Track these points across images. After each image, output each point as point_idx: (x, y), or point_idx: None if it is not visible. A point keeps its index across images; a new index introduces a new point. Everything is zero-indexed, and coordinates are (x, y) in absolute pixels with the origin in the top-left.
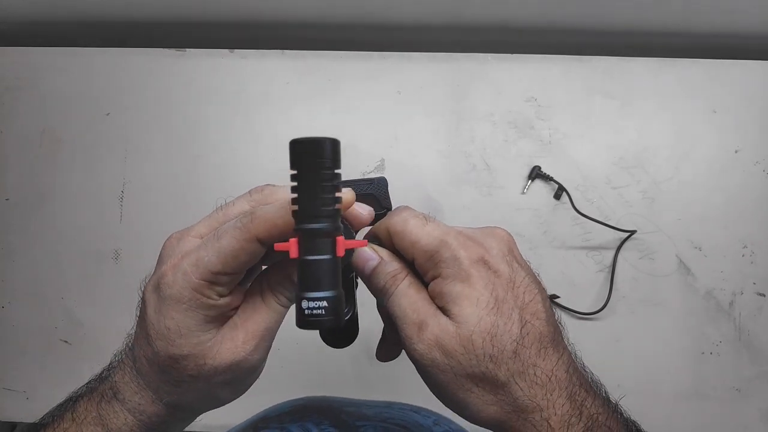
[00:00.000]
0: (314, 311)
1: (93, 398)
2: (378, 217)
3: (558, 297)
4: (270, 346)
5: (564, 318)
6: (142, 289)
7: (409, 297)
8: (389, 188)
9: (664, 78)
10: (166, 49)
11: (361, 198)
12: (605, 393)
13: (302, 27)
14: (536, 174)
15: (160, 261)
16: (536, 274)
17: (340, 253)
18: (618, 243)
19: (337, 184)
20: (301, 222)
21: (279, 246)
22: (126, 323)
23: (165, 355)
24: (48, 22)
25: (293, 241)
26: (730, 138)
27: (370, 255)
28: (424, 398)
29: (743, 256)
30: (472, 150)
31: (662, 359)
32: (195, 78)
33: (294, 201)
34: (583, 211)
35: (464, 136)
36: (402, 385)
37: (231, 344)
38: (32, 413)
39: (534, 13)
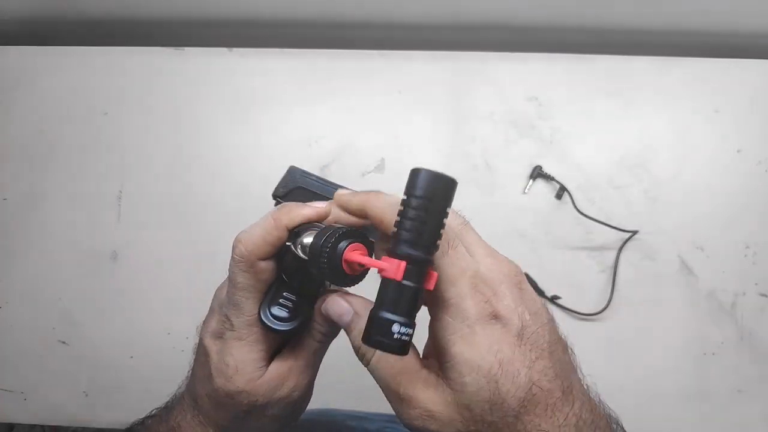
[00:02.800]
0: (403, 337)
1: None
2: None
3: (559, 298)
4: (311, 380)
5: (565, 319)
6: (200, 337)
7: (388, 369)
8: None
9: (666, 77)
10: (164, 48)
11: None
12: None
13: (302, 26)
14: (537, 174)
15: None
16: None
17: (430, 286)
18: (620, 243)
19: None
20: (411, 248)
21: (382, 266)
22: (124, 323)
23: (223, 392)
24: (46, 21)
25: (402, 263)
26: (732, 138)
27: (345, 308)
28: None
29: (745, 256)
30: (473, 150)
31: (664, 360)
32: (193, 77)
33: (404, 226)
34: (584, 211)
35: (465, 136)
36: None
37: (271, 384)
38: (30, 414)
39: (535, 11)
